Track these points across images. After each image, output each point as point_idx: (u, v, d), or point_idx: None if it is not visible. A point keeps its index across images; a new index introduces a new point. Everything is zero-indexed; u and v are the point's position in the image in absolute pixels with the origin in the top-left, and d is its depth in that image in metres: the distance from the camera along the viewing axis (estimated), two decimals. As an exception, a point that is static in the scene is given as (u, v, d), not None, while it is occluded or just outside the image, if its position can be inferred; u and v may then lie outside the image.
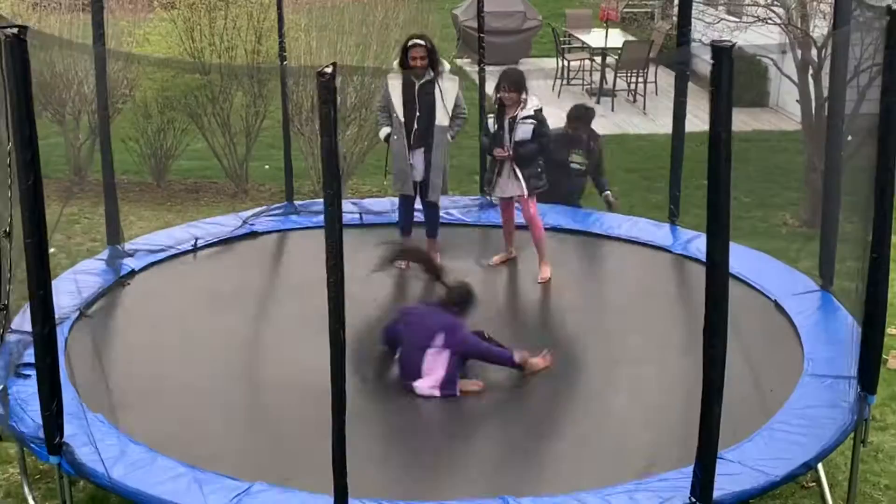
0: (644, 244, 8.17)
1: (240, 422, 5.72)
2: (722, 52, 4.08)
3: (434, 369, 5.99)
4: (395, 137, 7.59)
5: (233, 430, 5.60)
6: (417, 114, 7.54)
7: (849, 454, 5.71)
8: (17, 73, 4.47)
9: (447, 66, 7.69)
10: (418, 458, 5.48)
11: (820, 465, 5.45)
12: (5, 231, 5.54)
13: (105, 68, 7.96)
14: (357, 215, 8.52)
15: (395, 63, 7.71)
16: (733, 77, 4.10)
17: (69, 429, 5.08)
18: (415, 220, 7.92)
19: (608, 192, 9.23)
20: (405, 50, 7.54)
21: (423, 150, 7.63)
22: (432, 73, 7.55)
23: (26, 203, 4.60)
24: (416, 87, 7.53)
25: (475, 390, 6.06)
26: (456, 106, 7.67)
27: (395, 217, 8.11)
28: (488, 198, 8.65)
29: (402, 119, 7.53)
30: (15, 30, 4.43)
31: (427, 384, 5.99)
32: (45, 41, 8.32)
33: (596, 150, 9.11)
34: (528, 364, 6.11)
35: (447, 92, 7.58)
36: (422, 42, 7.53)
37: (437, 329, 6.03)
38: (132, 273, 7.47)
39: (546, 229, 7.89)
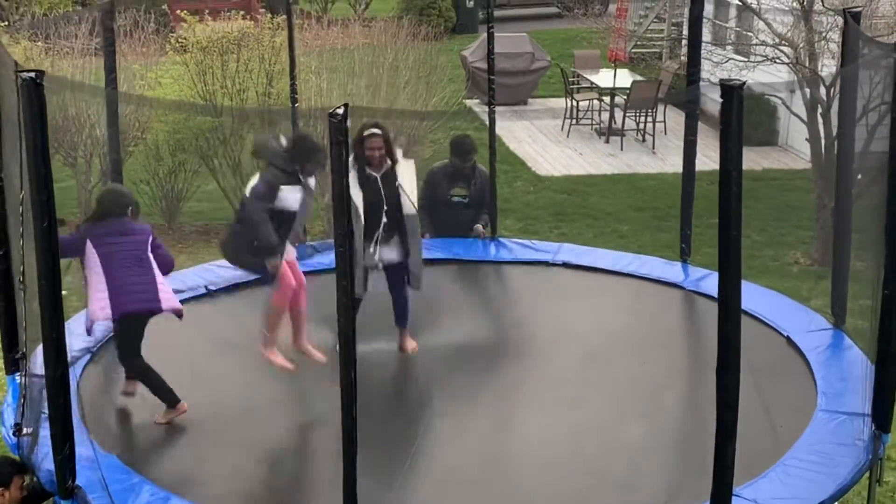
0: (656, 281, 8.16)
1: (252, 463, 5.70)
2: (732, 91, 4.10)
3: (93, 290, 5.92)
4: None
5: (245, 471, 5.58)
6: (385, 208, 6.85)
7: (864, 493, 5.67)
8: (34, 116, 4.51)
9: (399, 152, 7.05)
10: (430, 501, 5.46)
11: (836, 505, 5.41)
12: (20, 280, 5.57)
13: (117, 111, 8.02)
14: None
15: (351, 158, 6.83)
16: (743, 115, 4.12)
17: (81, 469, 5.07)
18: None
19: (479, 224, 8.93)
20: (360, 140, 6.78)
21: (395, 241, 6.98)
22: (390, 163, 6.92)
23: (41, 245, 4.62)
24: (379, 180, 6.87)
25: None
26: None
27: None
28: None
29: (364, 217, 6.73)
30: (32, 74, 4.48)
31: (95, 307, 5.94)
32: (58, 85, 8.38)
33: (479, 182, 8.94)
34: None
35: (410, 179, 6.99)
36: (378, 131, 6.85)
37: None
38: None
39: (553, 264, 7.81)
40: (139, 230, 6.28)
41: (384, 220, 6.87)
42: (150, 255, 6.23)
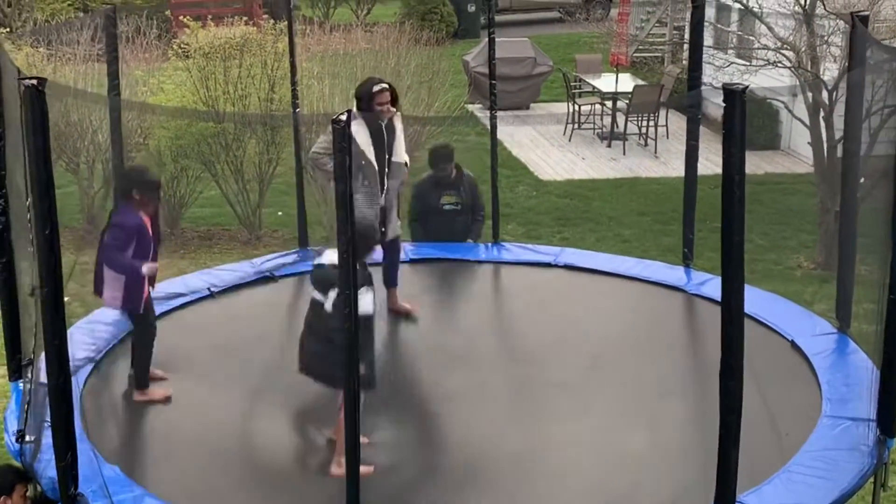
0: (658, 285, 8.15)
1: (255, 473, 5.68)
2: (734, 95, 4.09)
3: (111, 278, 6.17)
4: (366, 182, 7.12)
5: (248, 481, 5.57)
6: (387, 155, 7.21)
7: (869, 499, 5.65)
8: (36, 123, 4.50)
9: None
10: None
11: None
12: (33, 286, 5.57)
13: (119, 117, 8.02)
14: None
15: (354, 108, 7.17)
16: (746, 119, 4.11)
17: (84, 479, 5.06)
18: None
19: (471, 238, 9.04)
20: (369, 96, 7.11)
21: (388, 191, 7.30)
22: (392, 111, 7.25)
23: (43, 252, 4.62)
24: (384, 129, 7.19)
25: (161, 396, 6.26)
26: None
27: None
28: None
29: (376, 165, 7.11)
30: (34, 81, 4.47)
31: (109, 295, 6.23)
32: (61, 92, 8.39)
33: (467, 187, 9.00)
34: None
35: (401, 129, 7.33)
36: (387, 85, 7.20)
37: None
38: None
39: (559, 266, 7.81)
40: (119, 224, 6.28)
41: (386, 168, 7.16)
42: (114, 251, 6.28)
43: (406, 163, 7.46)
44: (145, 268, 6.24)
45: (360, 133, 7.03)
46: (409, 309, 7.44)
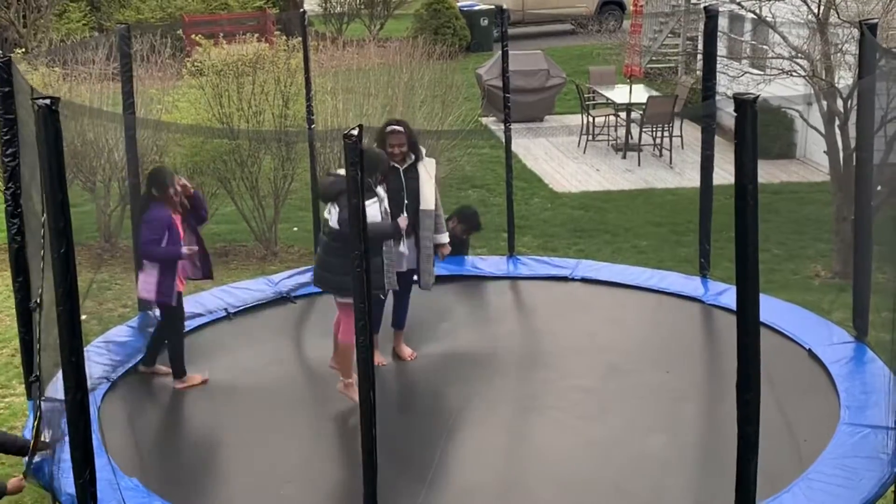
0: (675, 295, 8.13)
1: (274, 486, 5.69)
2: (745, 105, 4.09)
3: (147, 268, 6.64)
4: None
5: (266, 494, 5.57)
6: (406, 201, 7.04)
7: (890, 508, 5.61)
8: (50, 142, 4.53)
9: (423, 150, 7.27)
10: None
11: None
12: (36, 302, 5.60)
13: (135, 136, 8.08)
14: None
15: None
16: (758, 128, 4.10)
17: (103, 494, 5.07)
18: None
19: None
20: (383, 137, 7.05)
21: (413, 237, 7.15)
22: (413, 157, 7.13)
23: (59, 271, 4.64)
24: (401, 174, 7.06)
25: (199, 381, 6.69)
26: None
27: None
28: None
29: (388, 209, 6.83)
30: (47, 101, 4.50)
31: (143, 287, 6.69)
32: (76, 111, 8.45)
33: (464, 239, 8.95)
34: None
35: (431, 176, 7.16)
36: (400, 128, 7.10)
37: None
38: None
39: (575, 280, 7.85)
40: (147, 219, 6.78)
41: (404, 213, 7.00)
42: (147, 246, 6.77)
43: (437, 209, 7.25)
44: (185, 249, 6.77)
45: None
46: (409, 354, 7.30)
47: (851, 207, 7.87)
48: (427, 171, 7.14)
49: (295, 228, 12.55)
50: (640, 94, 16.66)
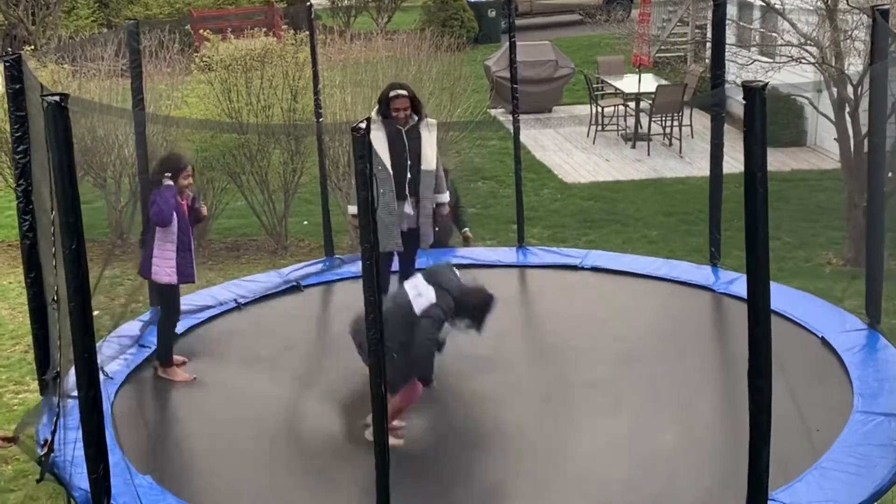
0: (686, 284, 8.12)
1: (287, 481, 5.71)
2: (754, 92, 4.07)
3: (162, 250, 6.62)
4: (382, 191, 7.12)
5: (279, 489, 5.59)
6: (409, 162, 7.19)
7: (904, 495, 5.60)
8: (60, 139, 4.54)
9: (425, 110, 7.44)
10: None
11: (875, 507, 5.34)
12: (53, 298, 5.62)
13: (145, 132, 8.08)
14: None
15: (374, 113, 7.33)
16: (766, 116, 4.09)
17: (117, 489, 5.09)
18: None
19: (466, 228, 9.15)
20: (387, 100, 7.19)
21: (415, 198, 7.30)
22: (416, 119, 7.26)
23: (70, 267, 4.65)
24: (404, 135, 7.19)
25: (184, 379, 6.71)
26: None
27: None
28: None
29: (391, 170, 7.11)
30: (57, 97, 4.51)
31: (162, 270, 6.65)
32: (86, 107, 8.46)
33: (450, 185, 8.98)
34: None
35: (431, 136, 7.32)
36: (404, 92, 7.23)
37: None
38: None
39: (585, 269, 7.84)
40: (155, 199, 6.72)
41: (408, 175, 7.15)
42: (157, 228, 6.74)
43: (438, 170, 7.39)
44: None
45: (377, 139, 7.08)
46: None
47: (863, 194, 7.84)
48: (429, 131, 7.28)
49: (305, 222, 12.57)
50: (649, 83, 16.63)
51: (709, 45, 11.47)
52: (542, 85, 17.66)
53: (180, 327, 7.56)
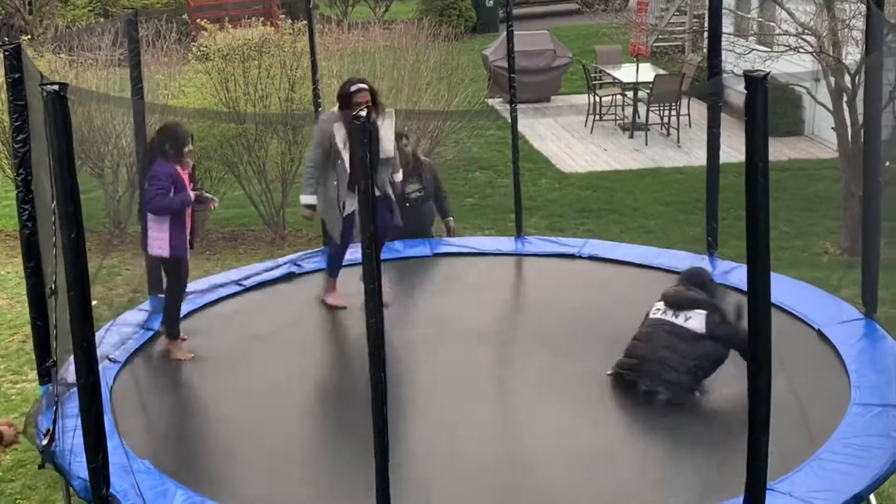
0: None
1: (286, 464, 5.72)
2: (756, 82, 4.07)
3: (154, 226, 6.61)
4: (335, 183, 7.32)
5: (279, 472, 5.60)
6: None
7: (901, 484, 5.62)
8: (59, 128, 4.54)
9: (384, 104, 7.55)
10: None
11: (872, 497, 5.36)
12: (51, 288, 5.63)
13: (143, 121, 8.07)
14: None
15: (336, 109, 7.44)
16: (767, 106, 4.09)
17: (116, 477, 5.10)
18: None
19: (450, 217, 9.27)
20: (349, 95, 7.29)
21: (380, 190, 7.41)
22: (374, 114, 7.28)
23: (69, 256, 4.65)
24: None
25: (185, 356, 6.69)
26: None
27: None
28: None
29: (348, 167, 7.22)
30: (56, 87, 4.51)
31: (155, 244, 6.64)
32: (83, 97, 8.45)
33: (428, 174, 9.09)
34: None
35: (389, 124, 7.44)
36: (365, 86, 7.36)
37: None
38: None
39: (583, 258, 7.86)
40: (156, 174, 6.72)
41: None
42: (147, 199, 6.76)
43: (393, 157, 7.53)
44: (192, 193, 6.78)
45: (338, 134, 7.28)
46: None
47: (860, 184, 7.85)
48: (387, 119, 7.41)
49: (302, 212, 12.56)
50: (647, 72, 16.62)
51: (706, 34, 11.47)
52: (539, 74, 17.66)
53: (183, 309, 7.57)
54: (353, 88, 7.33)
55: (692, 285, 6.42)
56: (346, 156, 7.24)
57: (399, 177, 7.87)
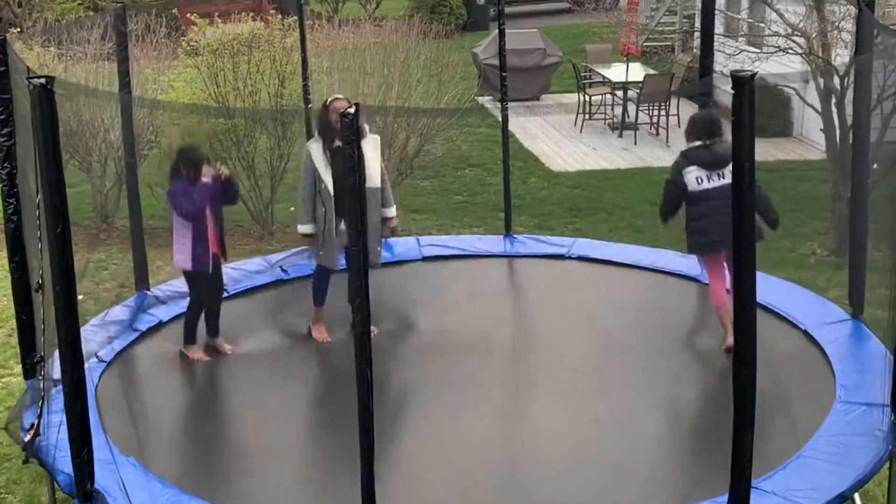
0: (672, 274, 8.15)
1: (271, 461, 5.71)
2: (743, 82, 4.08)
3: (178, 239, 6.70)
4: (324, 209, 7.10)
5: (264, 470, 5.59)
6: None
7: (885, 484, 5.63)
8: (46, 121, 4.52)
9: (367, 127, 7.22)
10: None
11: (857, 496, 5.38)
12: (38, 283, 5.60)
13: (131, 115, 8.04)
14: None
15: (315, 137, 7.27)
16: (755, 106, 4.10)
17: (100, 473, 5.09)
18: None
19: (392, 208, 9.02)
20: (325, 106, 7.15)
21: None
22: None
23: (55, 251, 4.64)
24: None
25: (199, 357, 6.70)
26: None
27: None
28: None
29: (332, 190, 7.02)
30: (42, 80, 4.49)
31: (179, 257, 6.74)
32: (72, 90, 8.42)
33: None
34: None
35: (376, 153, 7.20)
36: (341, 96, 7.22)
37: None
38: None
39: (572, 258, 7.87)
40: (172, 192, 6.88)
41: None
42: (175, 215, 6.86)
43: (384, 185, 7.30)
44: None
45: (318, 158, 7.07)
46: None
47: (848, 185, 7.87)
48: (372, 147, 7.16)
49: (292, 208, 12.52)
50: (637, 72, 16.62)
51: (697, 34, 11.48)
52: (530, 73, 17.65)
53: (165, 308, 7.57)
54: (329, 100, 7.19)
55: (713, 134, 6.46)
56: (328, 179, 7.05)
57: (392, 212, 7.47)
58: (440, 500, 5.34)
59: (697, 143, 6.73)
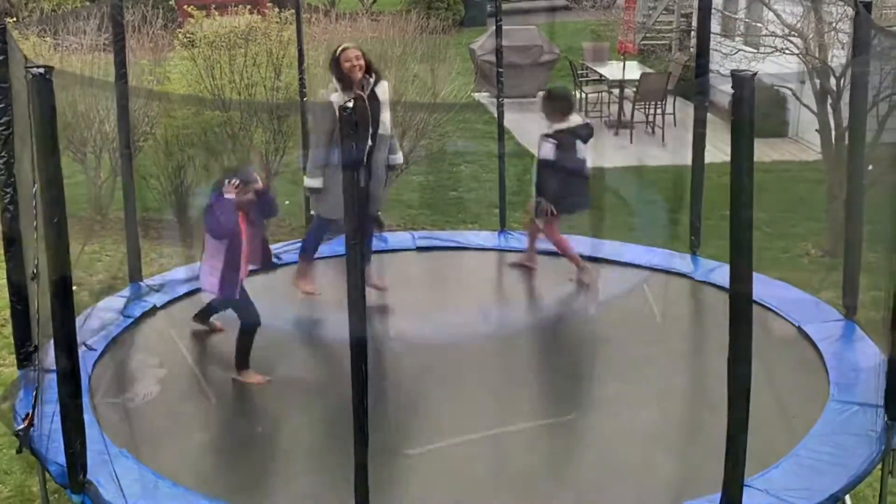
0: (666, 272, 8.16)
1: (264, 455, 5.71)
2: (743, 82, 4.07)
3: (210, 260, 6.14)
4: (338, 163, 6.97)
5: (258, 463, 5.59)
6: (370, 129, 6.78)
7: (877, 485, 5.65)
8: (44, 111, 4.51)
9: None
10: None
11: (847, 498, 5.39)
12: (33, 272, 5.60)
13: (127, 107, 8.02)
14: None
15: (331, 86, 6.99)
16: (755, 106, 4.09)
17: (93, 464, 5.09)
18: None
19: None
20: (336, 57, 6.85)
21: (368, 164, 6.91)
22: (371, 80, 6.86)
23: (51, 241, 4.63)
24: (366, 101, 6.78)
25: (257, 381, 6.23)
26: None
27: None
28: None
29: None
30: (41, 69, 4.48)
31: (206, 281, 6.15)
32: (68, 80, 8.40)
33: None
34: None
35: (387, 100, 7.03)
36: (351, 45, 6.91)
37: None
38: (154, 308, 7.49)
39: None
40: (212, 207, 6.37)
41: (369, 142, 6.81)
42: (209, 237, 6.32)
43: (391, 135, 7.16)
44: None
45: (337, 103, 6.76)
46: (381, 286, 7.37)
47: (843, 186, 7.88)
48: (383, 94, 7.01)
49: (287, 202, 12.51)
50: (634, 70, 16.64)
51: (693, 33, 11.49)
52: (527, 70, 17.65)
53: (159, 300, 7.56)
54: (340, 50, 6.85)
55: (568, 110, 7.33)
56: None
57: (399, 158, 7.27)
58: (429, 494, 5.34)
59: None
